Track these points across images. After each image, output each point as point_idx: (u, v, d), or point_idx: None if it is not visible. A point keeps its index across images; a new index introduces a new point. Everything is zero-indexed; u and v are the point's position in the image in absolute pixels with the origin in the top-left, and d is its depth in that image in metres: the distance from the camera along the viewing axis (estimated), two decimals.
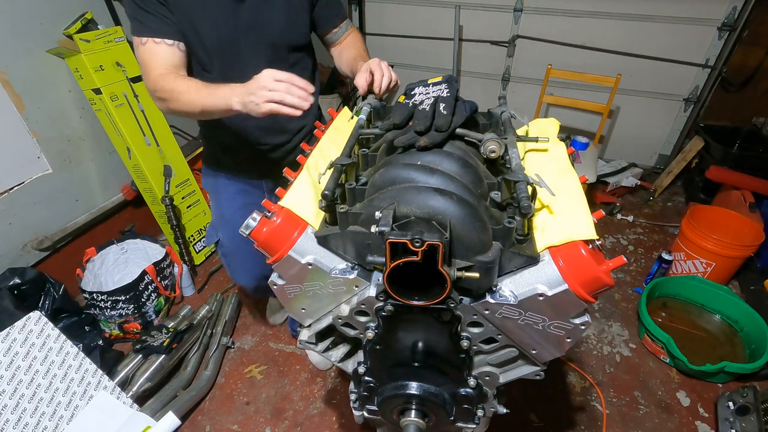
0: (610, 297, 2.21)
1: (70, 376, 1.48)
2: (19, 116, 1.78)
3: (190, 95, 1.02)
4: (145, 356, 1.77)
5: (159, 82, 1.06)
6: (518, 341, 0.76)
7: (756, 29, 2.57)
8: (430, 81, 0.97)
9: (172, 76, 1.07)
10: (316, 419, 1.68)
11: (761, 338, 1.77)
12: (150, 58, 1.07)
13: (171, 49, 1.09)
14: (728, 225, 2.16)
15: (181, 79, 1.06)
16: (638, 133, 3.14)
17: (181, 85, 1.04)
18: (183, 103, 1.04)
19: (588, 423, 1.65)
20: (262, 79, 0.92)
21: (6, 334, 1.41)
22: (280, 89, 0.90)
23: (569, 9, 2.87)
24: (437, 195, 0.66)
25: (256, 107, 0.92)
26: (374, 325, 0.78)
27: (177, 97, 1.04)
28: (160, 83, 1.06)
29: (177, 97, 1.04)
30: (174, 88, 1.04)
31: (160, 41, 1.07)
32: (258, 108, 0.92)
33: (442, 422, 0.87)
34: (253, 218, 0.73)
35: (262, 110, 0.92)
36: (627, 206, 2.94)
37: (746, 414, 1.53)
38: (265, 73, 0.92)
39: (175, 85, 1.04)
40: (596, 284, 0.65)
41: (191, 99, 1.02)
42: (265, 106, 0.91)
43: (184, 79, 1.07)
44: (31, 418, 1.37)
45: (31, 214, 1.89)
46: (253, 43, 1.15)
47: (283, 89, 0.90)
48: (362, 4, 3.40)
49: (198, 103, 1.02)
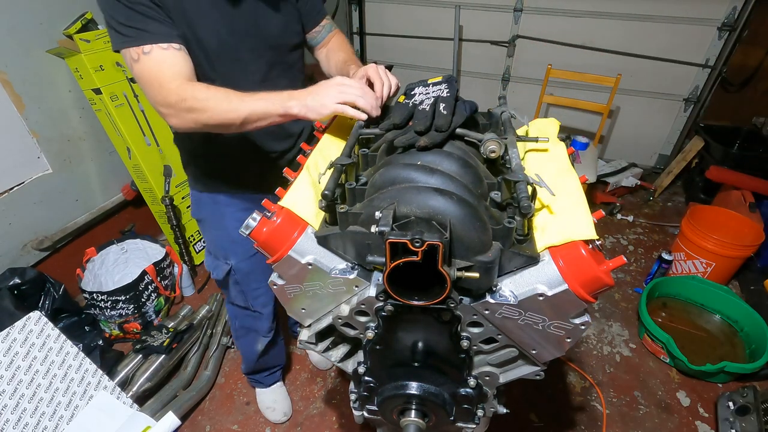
0: (610, 297, 2.21)
1: (70, 376, 1.48)
2: (19, 116, 1.78)
3: (231, 102, 0.91)
4: (145, 356, 1.77)
5: (185, 90, 0.91)
6: (518, 341, 0.76)
7: (756, 29, 2.57)
8: (430, 81, 0.97)
9: (198, 84, 0.95)
10: (316, 419, 1.68)
11: (761, 338, 1.77)
12: (160, 68, 0.93)
13: (181, 54, 0.96)
14: (728, 225, 2.16)
15: (212, 87, 0.94)
16: (638, 133, 3.14)
17: (217, 92, 0.92)
18: (221, 111, 0.91)
19: (588, 423, 1.65)
20: (333, 80, 0.92)
21: (6, 334, 1.41)
22: (353, 92, 0.89)
23: (569, 9, 2.87)
24: (437, 195, 0.66)
25: (321, 108, 0.89)
26: (374, 325, 0.78)
27: (214, 106, 0.91)
28: (187, 91, 0.91)
29: (214, 106, 0.91)
30: (209, 95, 0.91)
31: (168, 47, 0.94)
32: (323, 109, 0.89)
33: (442, 422, 0.87)
34: (253, 218, 0.73)
35: (326, 111, 0.89)
36: (627, 206, 2.94)
37: (746, 414, 1.53)
38: (338, 78, 0.93)
39: (208, 92, 0.92)
40: (596, 284, 0.65)
41: (234, 107, 0.91)
42: (333, 106, 0.89)
43: (215, 87, 0.94)
44: (31, 418, 1.37)
45: (31, 214, 1.89)
46: (252, 46, 1.10)
47: (357, 92, 0.89)
48: (362, 4, 3.40)
49: (243, 110, 0.91)
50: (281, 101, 0.91)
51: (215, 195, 1.27)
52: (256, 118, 0.93)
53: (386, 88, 1.00)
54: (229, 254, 1.30)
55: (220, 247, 1.31)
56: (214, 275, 1.35)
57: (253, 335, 1.51)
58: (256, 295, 1.40)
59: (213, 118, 0.92)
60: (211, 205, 1.28)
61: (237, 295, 1.40)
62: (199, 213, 1.31)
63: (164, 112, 0.95)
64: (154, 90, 0.93)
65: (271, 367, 1.67)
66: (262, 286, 1.38)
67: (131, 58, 0.93)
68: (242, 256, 1.30)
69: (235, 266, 1.31)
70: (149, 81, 0.93)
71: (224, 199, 1.27)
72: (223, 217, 1.28)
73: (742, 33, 2.59)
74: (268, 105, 0.91)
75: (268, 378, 1.69)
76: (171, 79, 0.92)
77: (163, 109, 0.94)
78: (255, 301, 1.41)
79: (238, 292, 1.39)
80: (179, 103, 0.92)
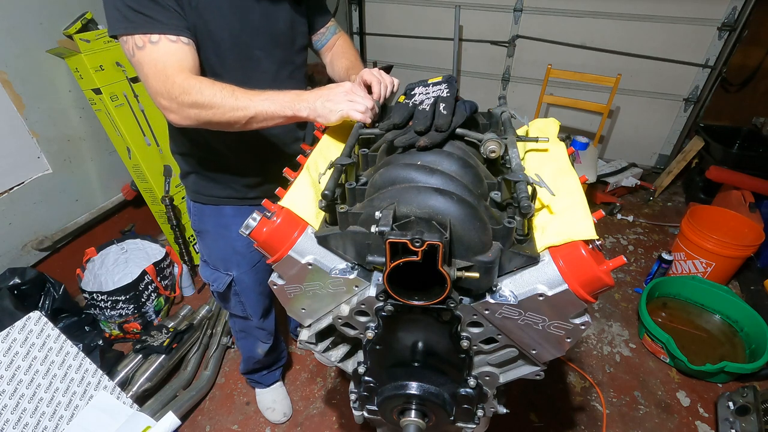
0: (610, 297, 2.21)
1: (70, 376, 1.48)
2: (19, 116, 1.78)
3: (238, 100, 0.89)
4: (145, 356, 1.77)
5: (191, 84, 0.87)
6: (518, 341, 0.76)
7: (756, 29, 2.57)
8: (430, 81, 0.97)
9: (204, 79, 0.91)
10: (316, 419, 1.68)
11: (761, 338, 1.77)
12: (167, 59, 0.88)
13: (189, 48, 0.92)
14: (728, 225, 2.16)
15: (218, 83, 0.90)
16: (638, 133, 3.14)
17: (224, 89, 0.89)
18: (227, 109, 0.88)
19: (588, 423, 1.65)
20: (342, 87, 0.92)
21: (6, 334, 1.41)
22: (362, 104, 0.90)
23: (569, 9, 2.87)
24: (437, 195, 0.66)
25: (329, 114, 0.90)
26: (374, 325, 0.78)
27: (220, 102, 0.88)
28: (193, 85, 0.87)
29: (220, 102, 0.88)
30: (215, 91, 0.88)
31: (176, 39, 0.89)
32: (331, 116, 0.90)
33: (442, 422, 0.87)
34: (253, 218, 0.73)
35: (334, 119, 0.90)
36: (627, 206, 2.94)
37: (746, 414, 1.53)
38: (347, 85, 0.93)
39: (214, 88, 0.88)
40: (596, 284, 0.65)
41: (241, 104, 0.89)
42: (341, 114, 0.90)
43: (221, 83, 0.91)
44: (31, 418, 1.37)
45: (31, 214, 1.89)
46: (263, 44, 1.06)
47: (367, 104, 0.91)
48: (362, 4, 3.40)
49: (251, 109, 0.89)
50: (290, 102, 0.90)
51: (220, 207, 1.23)
52: (263, 118, 0.91)
53: (383, 88, 1.01)
54: (232, 266, 1.28)
55: (223, 258, 1.28)
56: (214, 287, 1.31)
57: (253, 340, 1.51)
58: (255, 305, 1.38)
59: (218, 116, 0.89)
60: (216, 218, 1.24)
61: (236, 305, 1.38)
62: (202, 225, 1.27)
63: (165, 105, 0.90)
64: (158, 81, 0.88)
65: (270, 365, 1.67)
66: (261, 296, 1.37)
67: (135, 45, 0.88)
68: (245, 268, 1.28)
69: (236, 278, 1.29)
70: (153, 71, 0.88)
71: (230, 211, 1.23)
72: (228, 229, 1.24)
73: (742, 33, 2.59)
74: (276, 106, 0.90)
75: (267, 377, 1.69)
76: (179, 72, 0.88)
77: (164, 101, 0.89)
78: (254, 312, 1.39)
79: (237, 302, 1.37)
80: (182, 96, 0.87)
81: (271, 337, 1.51)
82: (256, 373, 1.67)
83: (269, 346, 1.52)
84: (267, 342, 1.51)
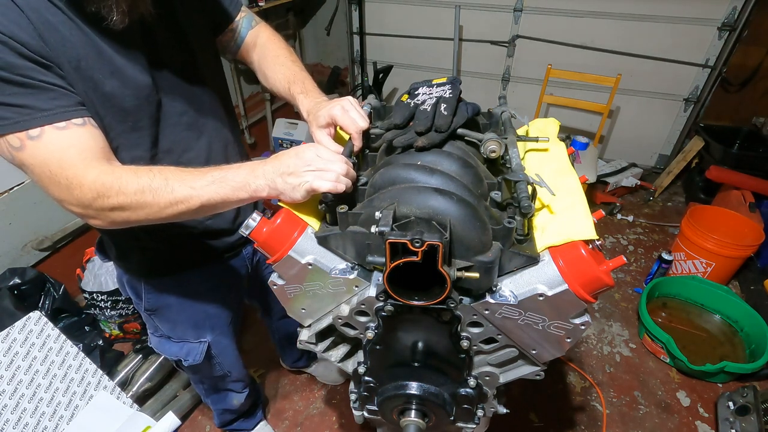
0: (610, 297, 2.21)
1: (70, 376, 1.48)
2: None
3: (174, 192, 0.69)
4: (145, 356, 1.77)
5: (106, 182, 0.67)
6: (518, 341, 0.76)
7: (756, 29, 2.57)
8: (435, 81, 0.97)
9: (122, 169, 0.71)
10: (316, 419, 1.68)
11: (761, 338, 1.77)
12: (62, 156, 0.66)
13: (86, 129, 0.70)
14: (728, 225, 2.16)
15: (142, 170, 0.70)
16: (638, 133, 3.14)
17: (153, 178, 0.69)
18: (164, 204, 0.69)
19: (588, 423, 1.65)
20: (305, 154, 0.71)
21: (6, 334, 1.41)
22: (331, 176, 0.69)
23: (569, 9, 2.87)
24: (437, 195, 0.66)
25: (293, 192, 0.70)
26: (374, 325, 0.78)
27: (152, 200, 0.69)
28: (110, 184, 0.67)
29: (152, 200, 0.69)
30: (142, 185, 0.68)
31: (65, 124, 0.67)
32: (295, 194, 0.70)
33: (442, 422, 0.87)
34: (253, 218, 0.73)
35: (299, 197, 0.71)
36: (627, 206, 2.94)
37: (746, 414, 1.53)
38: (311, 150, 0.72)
39: (140, 180, 0.68)
40: (596, 284, 0.65)
41: (180, 195, 0.69)
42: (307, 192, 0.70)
43: (148, 169, 0.71)
44: (31, 418, 1.37)
45: (32, 214, 1.88)
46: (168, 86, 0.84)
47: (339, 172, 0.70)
48: (362, 4, 3.40)
49: (194, 200, 0.70)
50: (244, 183, 0.71)
51: (183, 275, 1.04)
52: (211, 208, 0.72)
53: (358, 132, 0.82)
54: (205, 331, 1.13)
55: (194, 326, 1.12)
56: (189, 361, 1.13)
57: (225, 393, 1.38)
58: (235, 361, 1.27)
59: (153, 214, 0.70)
60: (179, 287, 1.05)
61: (212, 368, 1.23)
62: (159, 302, 1.06)
63: (80, 213, 0.70)
64: (60, 188, 0.67)
65: (247, 411, 1.53)
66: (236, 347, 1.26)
67: (9, 148, 0.66)
68: (221, 328, 1.16)
69: (212, 341, 1.15)
70: (47, 175, 0.66)
71: (197, 278, 1.06)
72: (198, 295, 1.08)
73: (742, 33, 2.59)
74: (226, 189, 0.70)
75: (247, 422, 1.55)
76: (80, 169, 0.67)
77: (77, 210, 0.70)
78: (234, 367, 1.27)
79: (214, 364, 1.22)
80: (98, 201, 0.68)
81: (247, 385, 1.40)
82: (235, 423, 1.52)
83: (245, 394, 1.40)
84: (242, 392, 1.39)
